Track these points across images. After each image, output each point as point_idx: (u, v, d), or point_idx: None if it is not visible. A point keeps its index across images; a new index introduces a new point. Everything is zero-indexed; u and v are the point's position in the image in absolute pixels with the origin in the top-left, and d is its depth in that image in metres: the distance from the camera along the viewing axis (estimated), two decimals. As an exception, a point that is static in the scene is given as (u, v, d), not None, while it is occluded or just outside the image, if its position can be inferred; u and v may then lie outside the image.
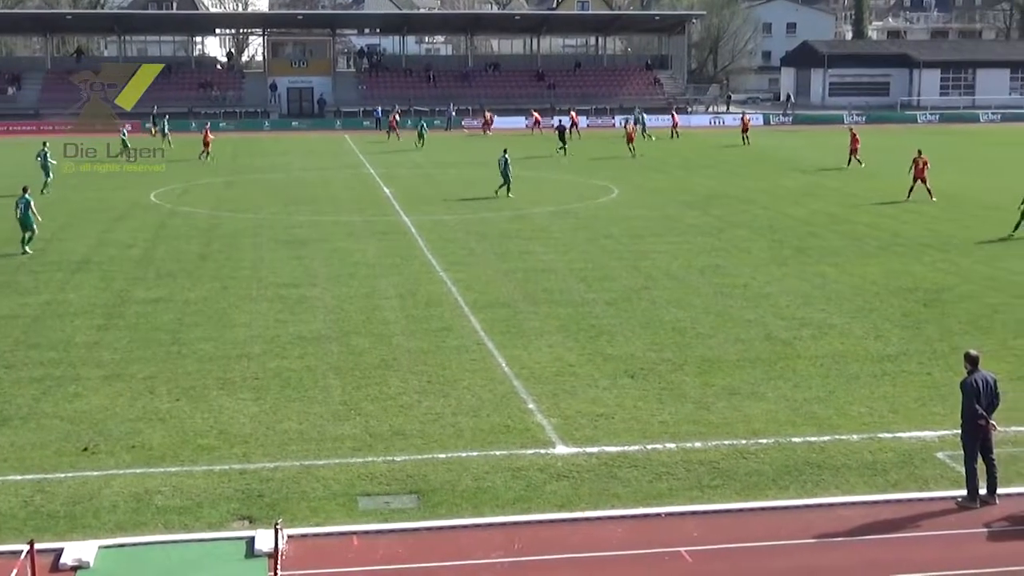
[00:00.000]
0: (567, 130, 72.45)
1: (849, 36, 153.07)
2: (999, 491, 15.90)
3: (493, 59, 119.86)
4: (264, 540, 14.26)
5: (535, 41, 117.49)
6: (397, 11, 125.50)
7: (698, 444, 18.15)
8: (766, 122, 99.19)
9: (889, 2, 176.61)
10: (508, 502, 15.92)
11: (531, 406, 20.04)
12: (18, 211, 35.17)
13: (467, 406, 20.03)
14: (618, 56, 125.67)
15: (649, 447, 18.02)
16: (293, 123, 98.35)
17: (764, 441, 18.26)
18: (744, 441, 18.27)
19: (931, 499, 16.05)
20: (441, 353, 23.44)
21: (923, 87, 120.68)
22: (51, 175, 50.69)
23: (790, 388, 21.05)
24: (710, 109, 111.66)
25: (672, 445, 18.10)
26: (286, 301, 28.28)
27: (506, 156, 48.91)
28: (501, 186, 48.60)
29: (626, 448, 17.98)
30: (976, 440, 15.77)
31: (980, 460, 15.85)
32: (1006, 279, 30.48)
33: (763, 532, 15.02)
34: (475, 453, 17.74)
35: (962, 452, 16.01)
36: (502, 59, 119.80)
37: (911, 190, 46.05)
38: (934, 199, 45.31)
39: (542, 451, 17.87)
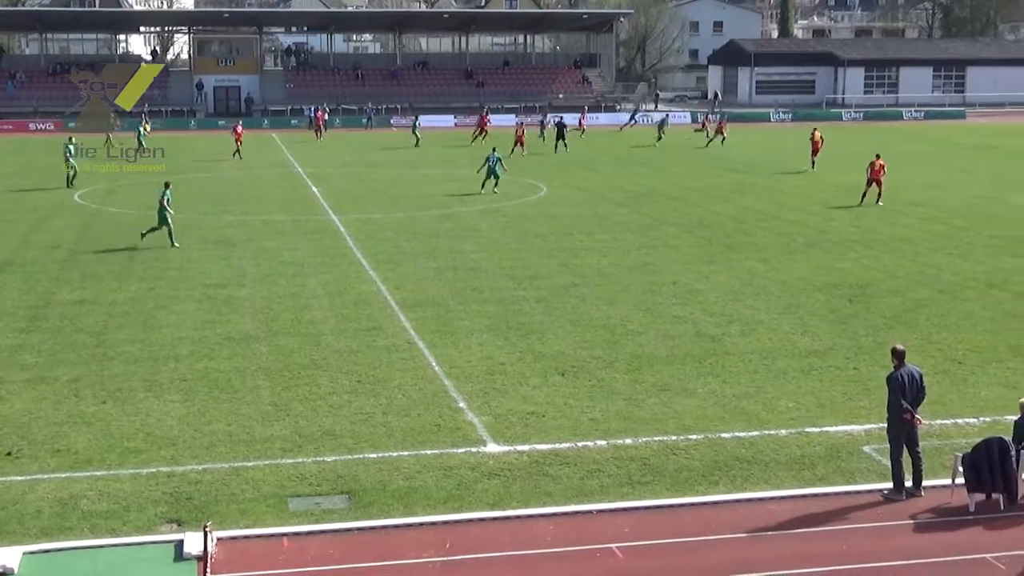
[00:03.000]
0: (566, 128, 72.00)
1: (775, 35, 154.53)
2: (924, 483, 16.13)
3: (422, 57, 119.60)
4: (193, 543, 14.11)
5: (464, 39, 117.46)
6: (325, 9, 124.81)
7: (628, 441, 18.22)
8: (693, 120, 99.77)
9: (814, 1, 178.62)
10: (439, 501, 15.88)
11: (462, 405, 20.01)
12: (167, 204, 35.85)
13: (398, 405, 19.96)
14: (547, 54, 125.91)
15: (580, 444, 18.06)
16: (220, 122, 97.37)
17: (694, 437, 18.37)
18: (674, 437, 18.37)
19: (858, 492, 16.24)
20: (371, 352, 23.33)
21: (848, 85, 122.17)
22: None
23: (719, 384, 21.20)
24: (638, 107, 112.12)
25: (603, 442, 18.16)
26: (214, 301, 28.01)
27: (497, 155, 49.54)
28: (485, 182, 48.97)
29: (557, 446, 18.01)
30: (902, 433, 15.99)
31: (906, 453, 16.08)
32: (930, 274, 30.92)
33: (694, 527, 15.10)
34: (406, 453, 17.67)
35: (888, 445, 16.23)
36: (431, 57, 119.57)
37: (864, 195, 44.90)
38: (881, 203, 44.40)
39: (473, 450, 17.85)
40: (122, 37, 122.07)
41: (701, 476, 16.80)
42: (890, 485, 16.13)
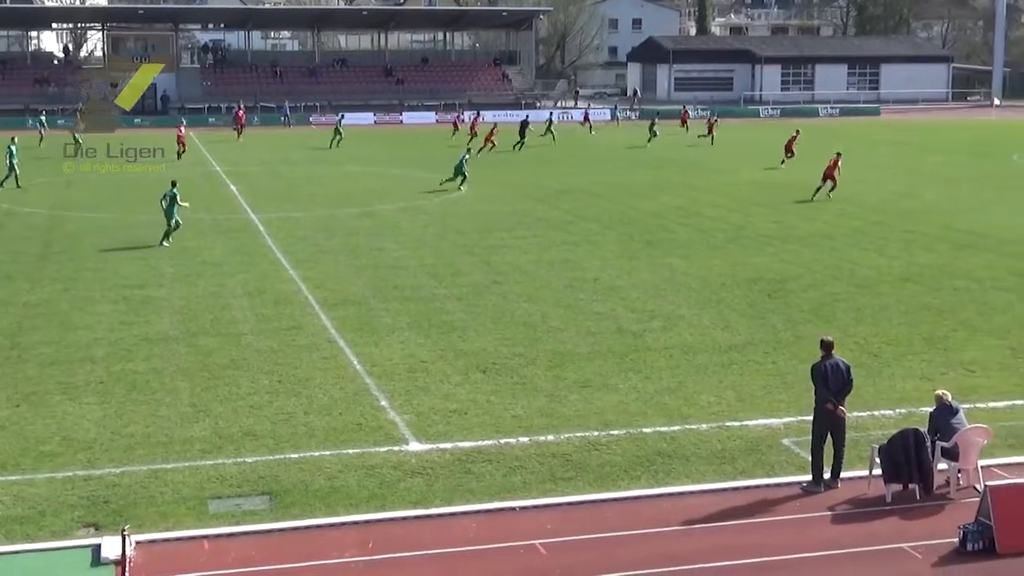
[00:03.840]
0: (528, 126, 72.07)
1: (693, 32, 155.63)
2: (842, 475, 16.33)
3: (341, 54, 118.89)
4: (111, 547, 13.89)
5: (383, 37, 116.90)
6: (241, 6, 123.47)
7: (551, 437, 18.25)
8: (613, 117, 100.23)
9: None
10: (362, 500, 15.80)
11: (384, 403, 19.93)
12: (164, 203, 36.02)
13: (319, 405, 19.82)
14: (466, 51, 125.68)
15: (502, 441, 18.06)
16: (136, 120, 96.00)
17: (616, 432, 18.45)
18: (596, 433, 18.43)
19: (778, 485, 16.40)
20: (291, 352, 23.16)
21: (765, 82, 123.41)
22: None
23: (641, 380, 21.31)
24: (558, 104, 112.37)
25: (525, 439, 18.17)
26: (131, 302, 27.62)
27: (466, 155, 50.64)
28: (450, 180, 49.33)
29: (479, 443, 17.99)
30: (825, 424, 16.20)
31: (830, 445, 16.28)
32: (847, 269, 31.34)
33: (616, 522, 15.16)
34: (328, 452, 17.56)
35: (809, 437, 16.41)
36: (349, 54, 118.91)
37: (818, 189, 45.60)
38: (830, 196, 45.17)
39: (395, 448, 17.78)
40: (34, 34, 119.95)
41: (623, 471, 16.87)
42: (809, 477, 16.32)
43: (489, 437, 18.26)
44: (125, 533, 13.53)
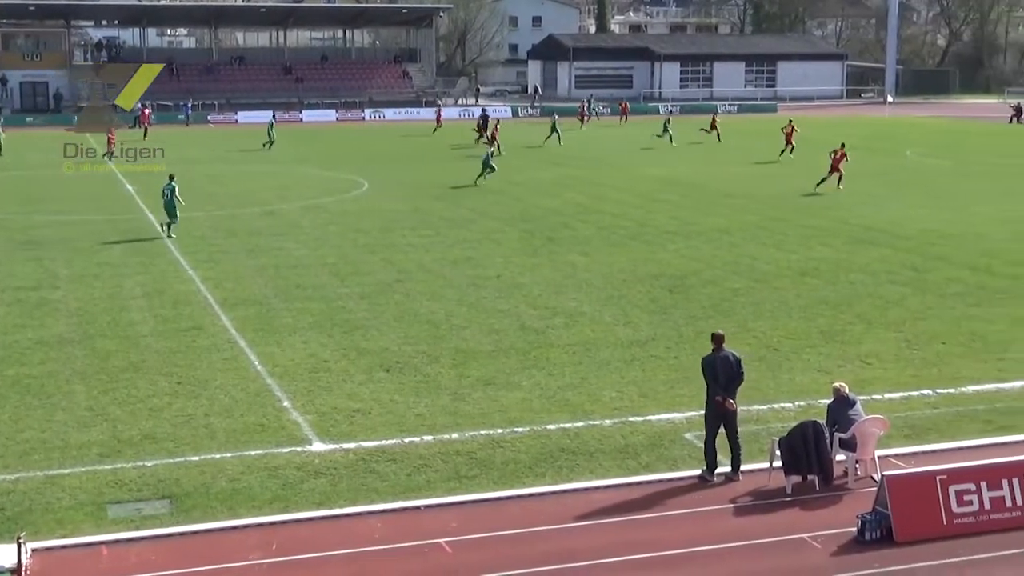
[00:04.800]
0: (487, 122, 71.89)
1: (593, 30, 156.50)
2: (743, 467, 16.53)
3: (238, 52, 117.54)
4: (6, 555, 13.56)
5: (281, 34, 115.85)
6: (136, 2, 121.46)
7: (455, 435, 18.23)
8: (514, 114, 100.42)
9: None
10: (265, 502, 15.64)
11: (286, 404, 19.76)
12: (164, 197, 36.72)
13: (220, 406, 19.58)
14: (366, 49, 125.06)
15: (406, 440, 18.00)
16: (28, 119, 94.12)
17: (520, 430, 18.48)
18: (500, 430, 18.45)
19: (680, 478, 16.56)
20: (191, 353, 22.85)
21: (664, 79, 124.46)
22: None
23: (544, 376, 21.37)
24: (459, 102, 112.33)
25: (429, 437, 18.13)
26: (25, 305, 27.04)
27: (491, 151, 52.45)
28: (481, 176, 50.11)
29: (383, 442, 17.92)
30: (716, 417, 16.42)
31: (725, 438, 16.47)
32: (746, 264, 31.73)
33: (521, 519, 15.19)
34: (229, 454, 17.36)
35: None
36: (248, 52, 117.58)
37: (823, 180, 47.25)
38: (841, 187, 46.73)
39: (298, 449, 17.63)
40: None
41: (527, 468, 16.91)
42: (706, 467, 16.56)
43: (393, 436, 18.19)
44: (21, 541, 13.26)
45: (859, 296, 27.79)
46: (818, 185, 47.20)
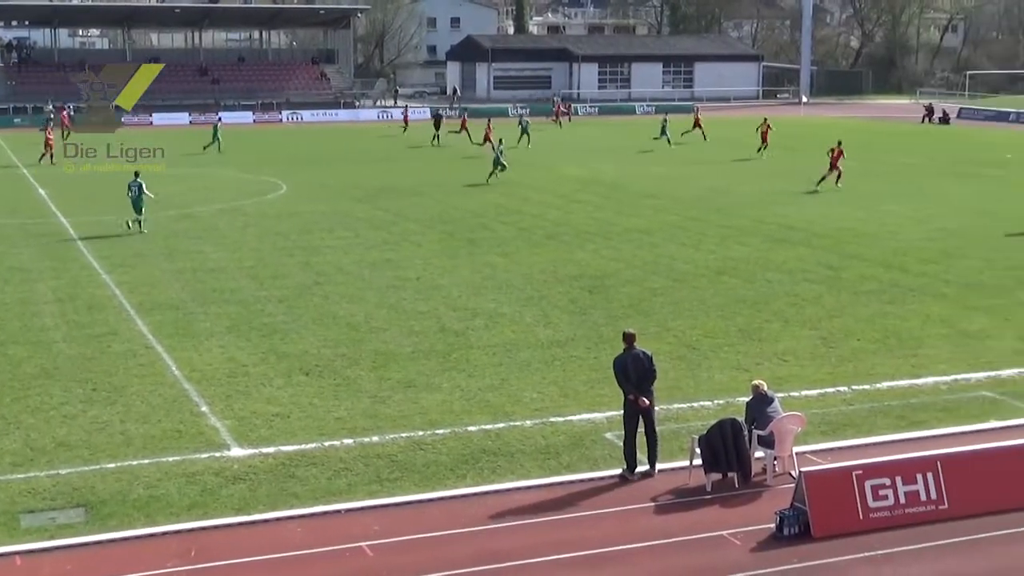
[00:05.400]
0: (440, 122, 72.71)
1: (511, 31, 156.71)
2: (664, 466, 16.64)
3: (153, 53, 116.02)
4: (-85, 568, 13.30)
5: (197, 35, 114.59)
6: (47, 2, 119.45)
7: (375, 438, 18.15)
8: (433, 116, 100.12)
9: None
10: (183, 509, 15.45)
11: (204, 409, 19.53)
12: (131, 193, 37.34)
13: (136, 413, 19.31)
14: (283, 50, 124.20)
15: (327, 444, 17.89)
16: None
17: (441, 432, 18.44)
18: (421, 433, 18.39)
19: (602, 478, 16.62)
20: (106, 359, 22.51)
21: (582, 80, 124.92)
22: None
23: (464, 378, 21.34)
24: (377, 103, 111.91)
25: (350, 441, 18.03)
26: (-66, 311, 26.51)
27: (501, 147, 52.49)
28: (492, 173, 50.72)
29: (303, 446, 17.79)
30: (633, 416, 16.57)
31: (643, 434, 16.60)
32: (665, 264, 31.94)
33: (443, 521, 15.15)
34: (146, 461, 17.13)
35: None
36: (162, 53, 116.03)
37: (823, 178, 48.25)
38: (839, 185, 47.72)
39: (217, 454, 17.44)
40: None
41: (449, 470, 16.88)
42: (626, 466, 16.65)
43: (313, 440, 18.06)
44: (-69, 553, 12.97)
45: (776, 295, 28.09)
46: (818, 183, 48.17)
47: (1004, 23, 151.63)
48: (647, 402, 16.60)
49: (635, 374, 16.57)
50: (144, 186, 37.68)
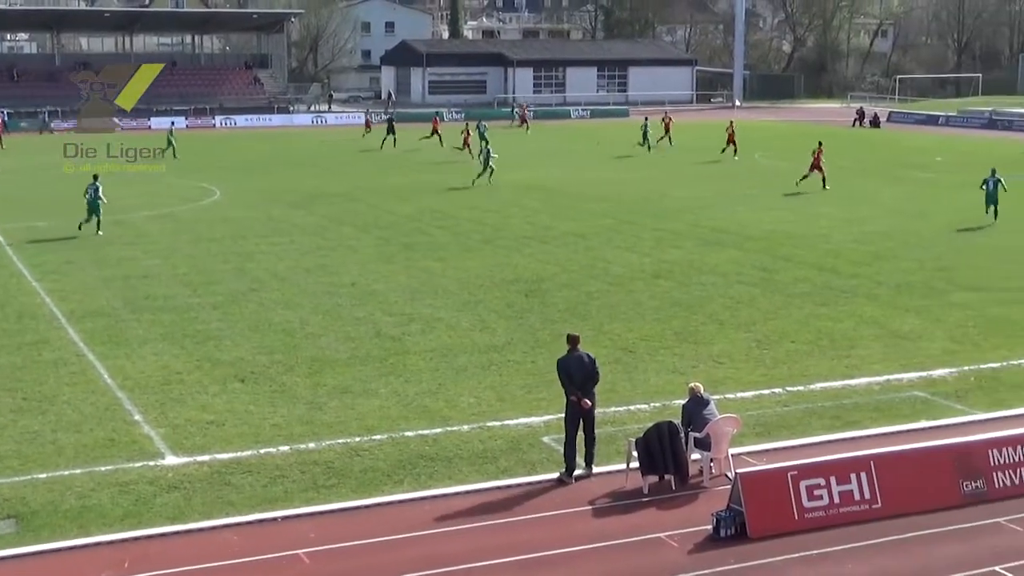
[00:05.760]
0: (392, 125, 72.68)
1: (446, 36, 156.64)
2: (601, 469, 16.69)
3: (83, 58, 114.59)
4: None
5: (127, 39, 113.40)
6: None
7: (312, 445, 18.04)
8: (366, 121, 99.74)
9: (483, 3, 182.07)
10: (116, 519, 15.26)
11: (137, 417, 19.32)
12: (87, 196, 38.06)
13: (68, 422, 19.05)
14: (216, 55, 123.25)
15: (262, 451, 17.76)
16: None
17: (377, 437, 18.37)
18: (358, 439, 18.31)
19: (539, 482, 16.64)
20: (37, 368, 22.19)
21: (517, 85, 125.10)
22: None
23: (401, 383, 21.28)
24: (312, 108, 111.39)
25: (286, 447, 17.91)
26: None
27: (489, 149, 52.76)
28: (480, 175, 51.15)
29: (239, 454, 17.64)
30: (575, 418, 16.63)
31: (583, 435, 16.68)
32: (601, 267, 32.04)
33: (380, 527, 15.09)
34: (78, 470, 16.90)
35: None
36: (92, 58, 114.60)
37: (805, 177, 49.57)
38: (827, 187, 48.75)
39: (151, 463, 17.25)
40: None
41: (386, 476, 16.82)
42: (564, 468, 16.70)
43: (249, 447, 17.92)
44: None
45: (711, 297, 28.27)
46: (798, 182, 49.47)
47: (933, 28, 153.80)
48: (589, 404, 16.65)
49: (579, 376, 16.63)
50: (101, 190, 38.09)
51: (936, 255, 33.87)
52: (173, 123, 76.38)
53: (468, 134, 64.67)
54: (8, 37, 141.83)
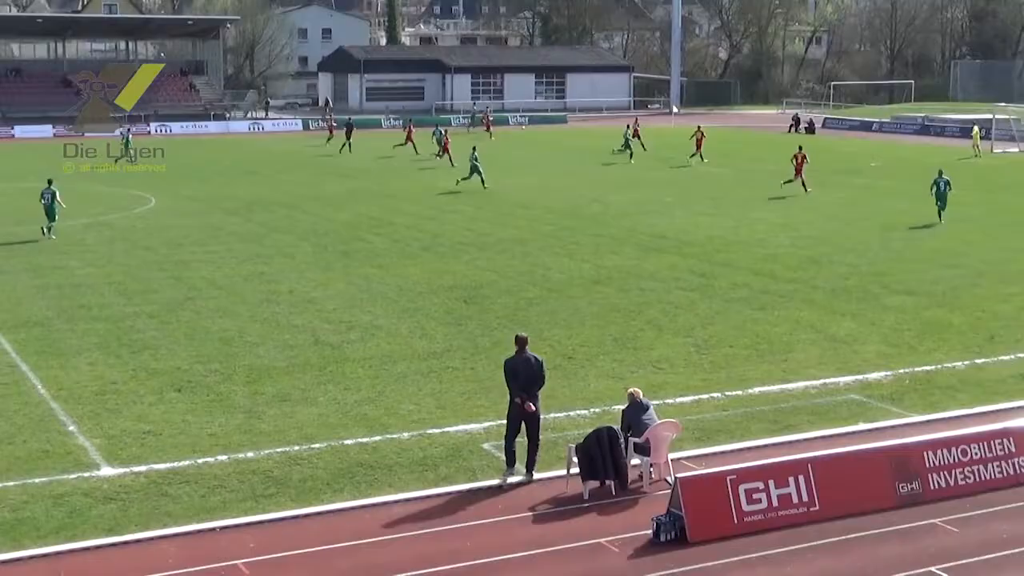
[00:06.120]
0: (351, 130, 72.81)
1: (383, 42, 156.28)
2: (544, 475, 16.70)
3: (14, 64, 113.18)
4: None
5: (60, 45, 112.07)
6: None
7: (251, 454, 17.90)
8: (305, 127, 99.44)
9: (420, 9, 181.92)
10: (50, 532, 15.04)
11: (72, 428, 19.06)
12: (44, 200, 38.38)
13: (0, 433, 18.75)
14: (151, 61, 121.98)
15: (200, 461, 17.58)
16: None
17: (317, 446, 18.26)
18: (297, 447, 18.19)
19: (480, 489, 16.61)
20: (-31, 379, 21.85)
21: (455, 91, 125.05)
22: None
23: (340, 391, 21.17)
24: (248, 115, 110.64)
25: (224, 457, 17.75)
26: None
27: (475, 154, 52.37)
28: (465, 178, 51.72)
29: (176, 464, 17.46)
30: (516, 417, 16.74)
31: (525, 440, 16.76)
32: (540, 274, 32.06)
33: (321, 536, 14.99)
34: (11, 483, 16.64)
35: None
36: (24, 64, 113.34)
37: (789, 181, 50.56)
38: (809, 191, 49.71)
39: (86, 474, 17.03)
40: None
41: (326, 484, 16.72)
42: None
43: (186, 457, 17.74)
44: None
45: (649, 303, 28.38)
46: (783, 185, 50.37)
47: (866, 35, 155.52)
48: (533, 407, 16.70)
49: (524, 377, 16.72)
50: (57, 194, 38.41)
51: (871, 259, 34.24)
52: (129, 128, 74.69)
53: (448, 138, 64.40)
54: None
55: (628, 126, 72.24)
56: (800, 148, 52.07)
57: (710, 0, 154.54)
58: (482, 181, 51.41)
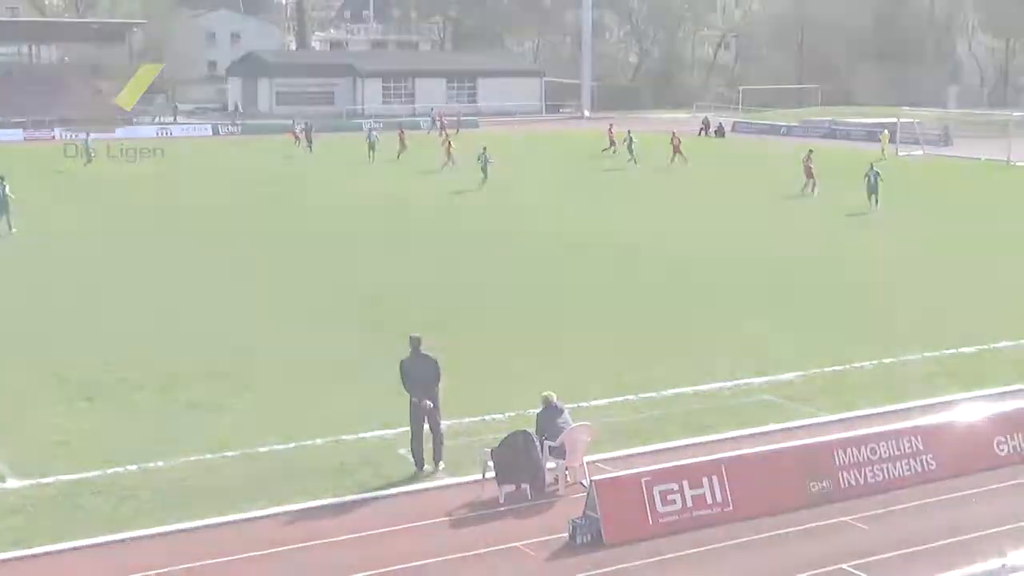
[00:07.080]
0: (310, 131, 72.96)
1: (294, 47, 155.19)
2: (458, 479, 16.72)
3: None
4: None
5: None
6: None
7: (162, 463, 17.66)
8: (215, 132, 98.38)
9: (330, 14, 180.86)
10: (-45, 546, 14.73)
11: (-23, 440, 18.68)
12: None
13: (-97, 446, 18.35)
14: (55, 65, 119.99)
15: (111, 471, 17.32)
16: None
17: (231, 454, 18.09)
18: (210, 456, 17.99)
19: (395, 495, 16.57)
20: None
21: (367, 96, 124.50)
22: None
23: (254, 399, 21.03)
24: (156, 120, 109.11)
25: (134, 467, 17.49)
26: None
27: (485, 154, 54.82)
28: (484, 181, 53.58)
29: (86, 474, 17.18)
30: (418, 417, 17.10)
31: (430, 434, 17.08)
32: (458, 278, 32.03)
33: (235, 545, 14.84)
34: (-85, 497, 16.27)
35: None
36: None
37: (805, 185, 50.90)
38: (815, 193, 49.94)
39: (-8, 487, 16.70)
40: None
41: (240, 493, 16.55)
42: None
43: (96, 468, 17.44)
44: None
45: (565, 305, 28.47)
46: (803, 189, 50.87)
47: (774, 40, 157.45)
48: (431, 405, 17.01)
49: (420, 378, 16.96)
50: (8, 188, 39.57)
51: (784, 261, 34.64)
52: (88, 134, 72.42)
53: (451, 143, 64.73)
54: None
55: (629, 131, 71.96)
56: (810, 152, 52.80)
57: (620, 4, 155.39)
58: (484, 178, 53.19)
